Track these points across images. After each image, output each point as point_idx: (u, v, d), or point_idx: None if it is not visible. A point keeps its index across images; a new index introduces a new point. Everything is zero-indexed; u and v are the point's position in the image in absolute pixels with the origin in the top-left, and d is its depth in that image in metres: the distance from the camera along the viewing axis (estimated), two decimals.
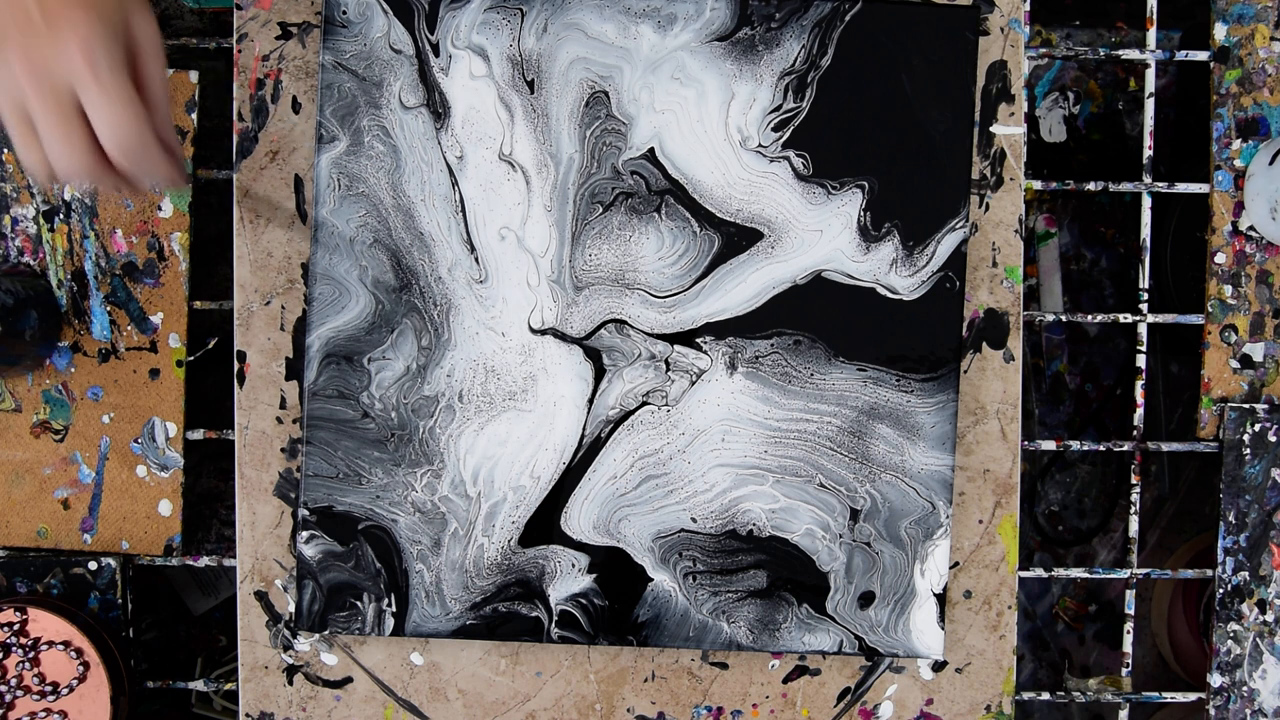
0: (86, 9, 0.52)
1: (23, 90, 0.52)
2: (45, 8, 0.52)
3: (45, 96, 0.52)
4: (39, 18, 0.52)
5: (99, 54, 0.52)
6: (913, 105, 0.68)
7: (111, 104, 0.52)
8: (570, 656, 0.71)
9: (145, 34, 0.54)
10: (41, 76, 0.52)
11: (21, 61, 0.51)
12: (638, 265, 0.68)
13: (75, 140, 0.53)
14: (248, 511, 0.70)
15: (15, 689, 0.68)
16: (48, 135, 0.53)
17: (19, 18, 0.52)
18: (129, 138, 0.53)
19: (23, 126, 0.53)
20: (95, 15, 0.52)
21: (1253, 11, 0.73)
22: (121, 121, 0.53)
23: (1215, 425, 0.74)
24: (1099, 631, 1.07)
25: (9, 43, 0.52)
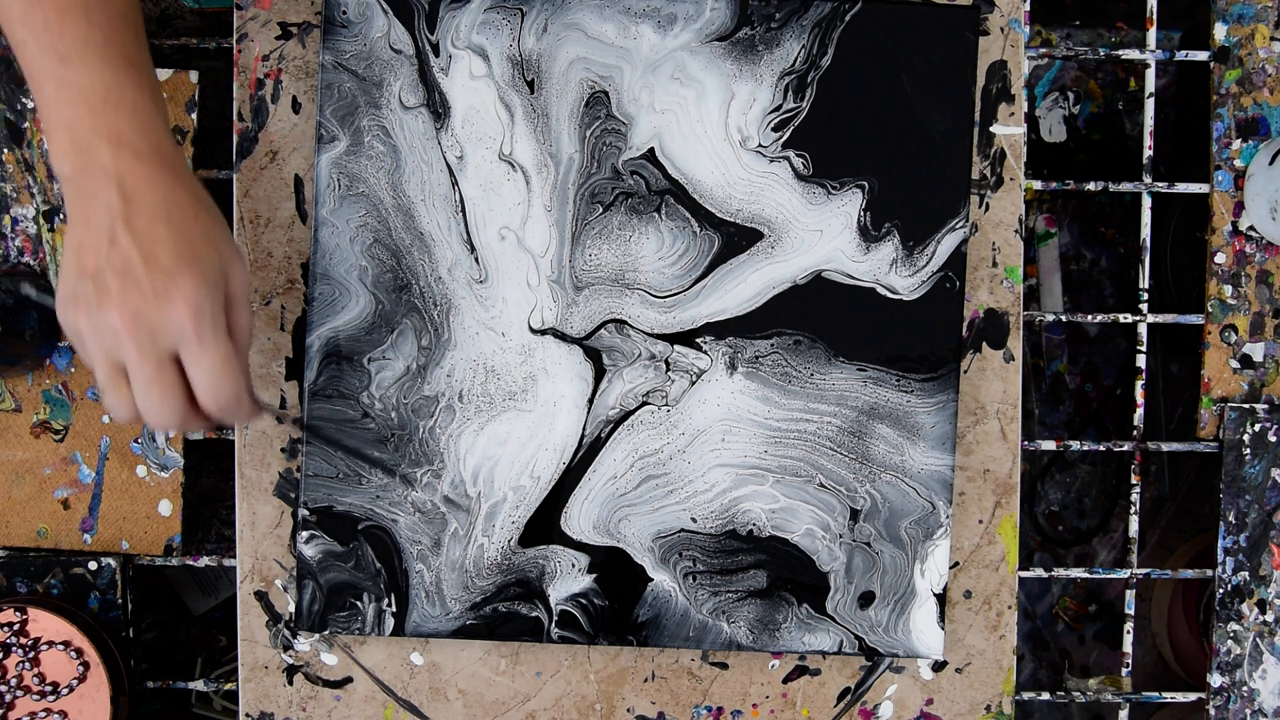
0: (194, 268, 0.52)
1: (122, 344, 0.52)
2: (152, 265, 0.52)
3: (147, 355, 0.52)
4: (144, 275, 0.51)
5: (206, 317, 0.52)
6: (913, 105, 0.68)
7: (214, 365, 0.53)
8: (570, 656, 0.71)
9: (238, 284, 0.55)
10: (146, 335, 0.52)
11: (125, 319, 0.51)
12: (638, 265, 0.68)
13: (174, 398, 0.53)
14: (248, 511, 0.70)
15: (15, 689, 0.68)
16: (145, 391, 0.53)
17: (121, 270, 0.52)
18: (228, 395, 0.54)
19: (114, 375, 0.53)
20: (202, 276, 0.52)
21: (1253, 11, 0.73)
22: (222, 382, 0.53)
23: (1215, 425, 0.74)
24: (1099, 631, 1.07)
25: (108, 295, 0.52)
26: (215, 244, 0.54)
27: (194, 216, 0.53)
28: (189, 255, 0.52)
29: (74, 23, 0.52)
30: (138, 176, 0.52)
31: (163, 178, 0.53)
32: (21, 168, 0.71)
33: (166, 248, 0.52)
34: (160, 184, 0.53)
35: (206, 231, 0.54)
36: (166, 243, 0.52)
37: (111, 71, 0.52)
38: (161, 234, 0.52)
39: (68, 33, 0.52)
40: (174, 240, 0.52)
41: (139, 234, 0.52)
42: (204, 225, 0.54)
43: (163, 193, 0.53)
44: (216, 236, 0.54)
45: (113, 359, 0.53)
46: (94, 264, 0.52)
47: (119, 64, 0.53)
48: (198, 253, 0.53)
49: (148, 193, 0.52)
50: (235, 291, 0.55)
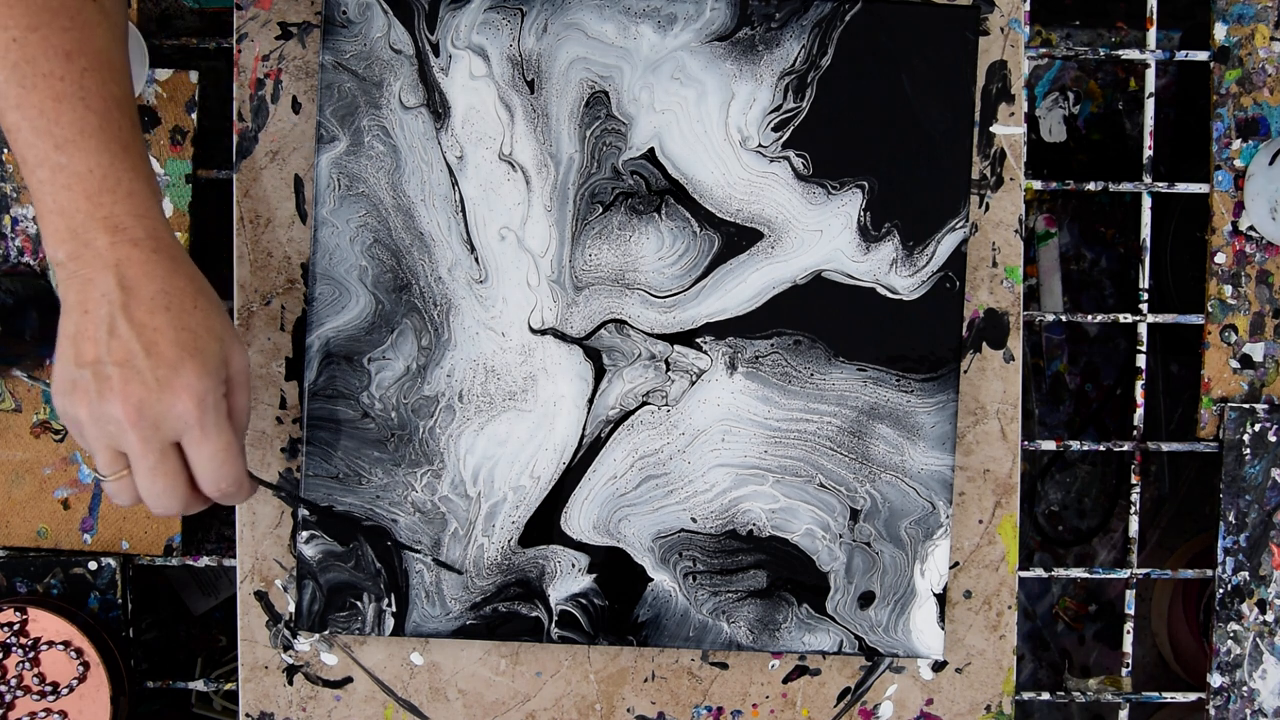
0: (196, 358, 0.52)
1: (124, 434, 0.52)
2: (154, 357, 0.52)
3: (150, 444, 0.52)
4: (146, 367, 0.52)
5: (209, 406, 0.53)
6: (913, 105, 0.68)
7: (216, 454, 0.53)
8: (570, 656, 0.71)
9: (237, 368, 0.55)
10: (149, 426, 0.52)
11: (128, 410, 0.51)
12: (638, 265, 0.68)
13: (177, 485, 0.54)
14: (248, 511, 0.70)
15: (15, 689, 0.68)
16: (149, 480, 0.53)
17: (122, 361, 0.52)
18: (230, 481, 0.54)
19: (115, 462, 0.54)
20: (204, 365, 0.53)
21: (1253, 11, 0.73)
22: (224, 468, 0.54)
23: (1215, 425, 0.74)
24: (1099, 631, 1.07)
25: (109, 386, 0.51)
26: (215, 331, 0.54)
27: (193, 304, 0.53)
28: (190, 345, 0.52)
29: (71, 108, 0.51)
30: (135, 265, 0.52)
31: (161, 266, 0.53)
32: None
33: (168, 338, 0.52)
34: (159, 272, 0.53)
35: (206, 318, 0.54)
36: (167, 333, 0.52)
37: (108, 157, 0.52)
38: (162, 324, 0.52)
39: (64, 119, 0.51)
40: (175, 330, 0.52)
41: (139, 324, 0.52)
42: (204, 312, 0.54)
43: (161, 281, 0.52)
44: (216, 323, 0.54)
45: (114, 447, 0.53)
46: (93, 354, 0.52)
47: (115, 150, 0.52)
48: (199, 342, 0.53)
49: (146, 282, 0.52)
50: (235, 375, 0.55)
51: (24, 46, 0.50)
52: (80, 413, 0.52)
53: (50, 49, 0.51)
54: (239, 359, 0.55)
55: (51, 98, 0.51)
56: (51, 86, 0.51)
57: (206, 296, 0.54)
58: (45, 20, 0.51)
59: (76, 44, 0.51)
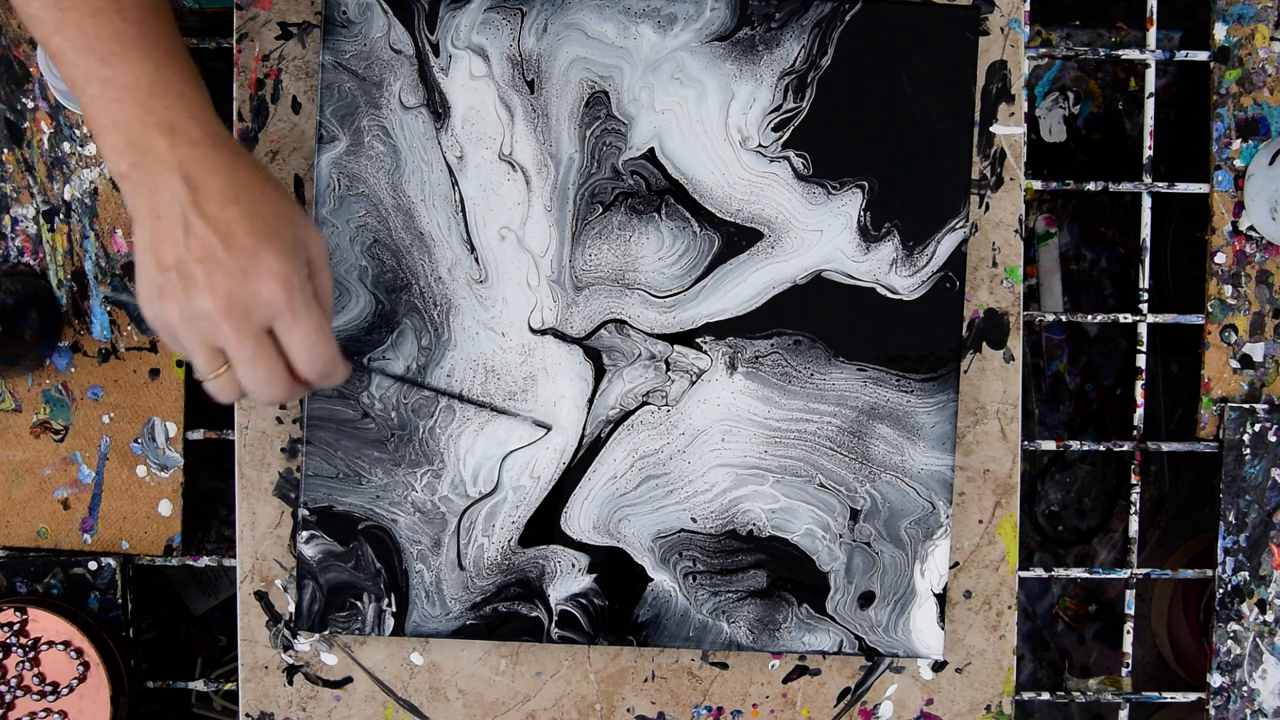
0: (275, 243, 0.53)
1: (218, 328, 0.52)
2: (233, 247, 0.52)
3: (245, 334, 0.53)
4: (228, 258, 0.52)
5: (295, 288, 0.53)
6: (913, 105, 0.68)
7: (308, 334, 0.54)
8: (570, 656, 0.71)
9: (316, 250, 0.55)
10: (241, 315, 0.52)
11: (218, 303, 0.52)
12: (638, 265, 0.68)
13: (276, 371, 0.54)
14: (248, 511, 0.70)
15: (15, 689, 0.68)
16: (250, 370, 0.53)
17: (203, 257, 0.52)
18: (324, 361, 0.55)
19: (213, 360, 0.54)
20: (284, 247, 0.53)
21: (1253, 11, 0.73)
22: (318, 349, 0.54)
23: (1215, 425, 0.74)
24: (1099, 631, 1.07)
25: (195, 283, 0.52)
26: (287, 215, 0.54)
27: (261, 193, 0.53)
28: (266, 231, 0.53)
29: (109, 22, 0.52)
30: (198, 163, 0.52)
31: (223, 160, 0.53)
32: (21, 168, 0.71)
33: (243, 228, 0.52)
34: (222, 167, 0.53)
35: (277, 205, 0.54)
36: (241, 223, 0.52)
37: (153, 64, 0.53)
38: (234, 215, 0.52)
39: (104, 32, 0.52)
40: (248, 220, 0.52)
41: (212, 219, 0.52)
42: (273, 199, 0.54)
43: (226, 175, 0.53)
44: (286, 208, 0.54)
45: (210, 344, 0.53)
46: (174, 256, 0.52)
47: (159, 56, 0.53)
48: (274, 228, 0.53)
49: (211, 177, 0.52)
50: (315, 257, 0.55)
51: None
52: (172, 315, 0.53)
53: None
54: (316, 241, 0.56)
55: (89, 14, 0.52)
56: (87, 4, 0.52)
57: (273, 184, 0.55)
58: None
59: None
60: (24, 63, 0.71)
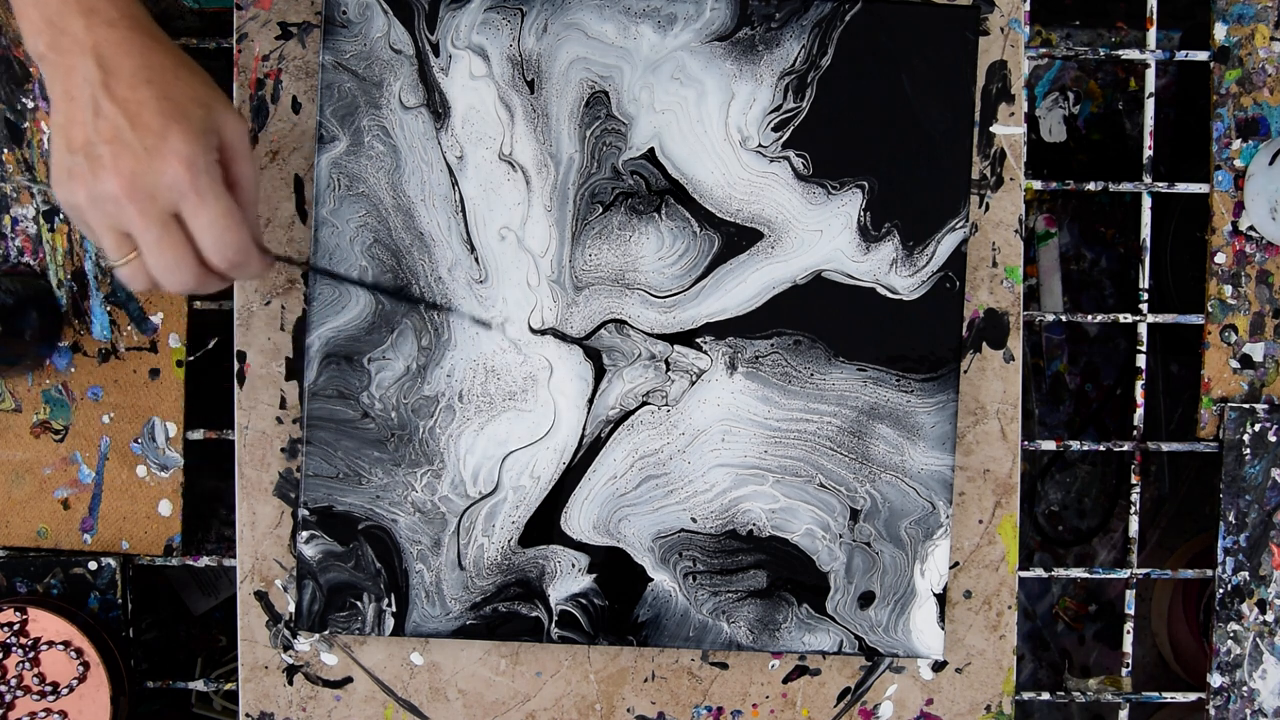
0: (183, 124, 0.52)
1: (123, 210, 0.52)
2: (140, 128, 0.51)
3: (150, 216, 0.52)
4: (134, 138, 0.51)
5: (200, 170, 0.52)
6: (913, 105, 0.68)
7: (214, 219, 0.53)
8: (570, 656, 0.71)
9: (234, 133, 0.54)
10: (145, 197, 0.52)
11: (122, 184, 0.51)
12: (638, 265, 0.68)
13: (183, 257, 0.53)
14: (248, 511, 0.70)
15: (15, 689, 0.68)
16: (156, 253, 0.53)
17: (110, 138, 0.51)
18: (234, 249, 0.53)
19: (122, 244, 0.53)
20: (191, 129, 0.52)
21: (1253, 11, 0.73)
22: (227, 235, 0.53)
23: (1215, 425, 0.74)
24: (1099, 631, 1.07)
25: (101, 164, 0.51)
26: (200, 99, 0.53)
27: (174, 76, 0.53)
28: (174, 112, 0.52)
29: None
30: (113, 44, 0.52)
31: (138, 43, 0.52)
32: (21, 168, 0.71)
33: (151, 109, 0.51)
34: (137, 48, 0.52)
35: (190, 88, 0.53)
36: (150, 104, 0.51)
37: None
38: (145, 96, 0.51)
39: None
40: (158, 101, 0.52)
41: (122, 100, 0.51)
42: (186, 82, 0.53)
43: (140, 57, 0.52)
44: (202, 92, 0.53)
45: (117, 228, 0.53)
46: (82, 137, 0.52)
47: None
48: (184, 109, 0.52)
49: (125, 59, 0.52)
50: (231, 142, 0.54)
51: None
52: (79, 198, 0.52)
53: None
54: (233, 125, 0.54)
55: None
56: None
57: (189, 68, 0.54)
58: None
59: None
60: (24, 63, 0.71)
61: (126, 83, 0.52)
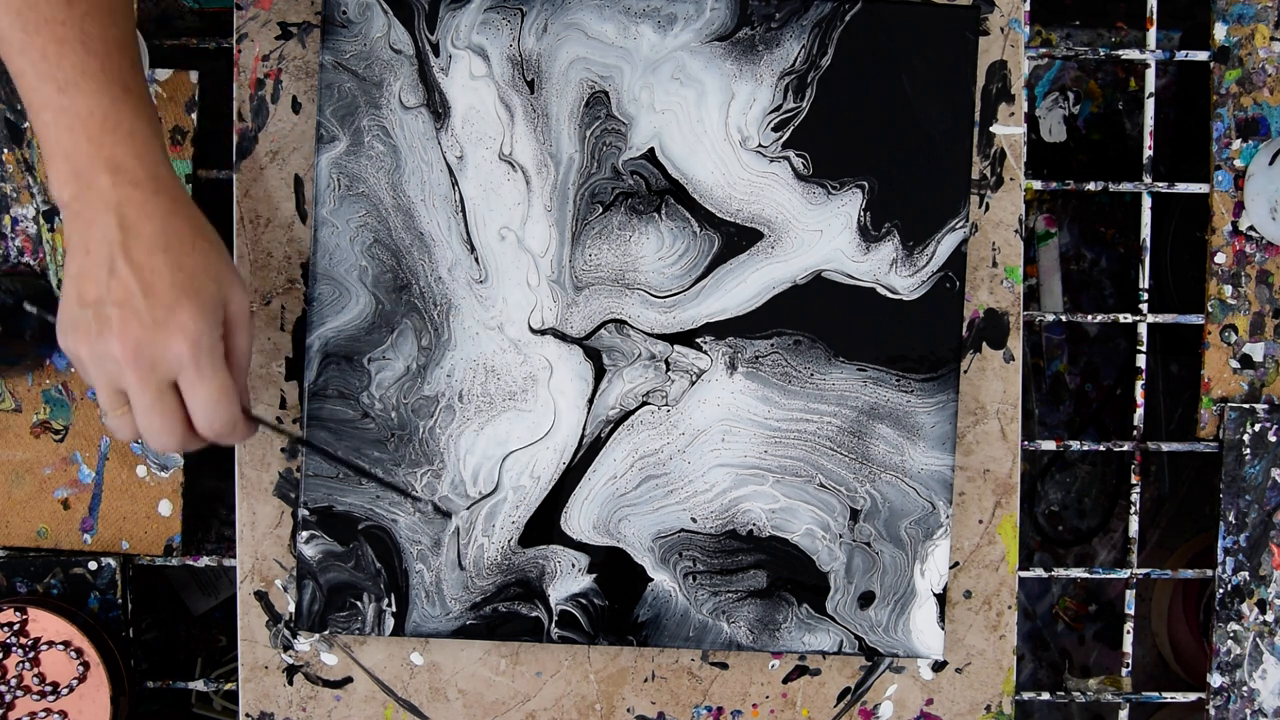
0: (193, 300, 0.53)
1: (123, 372, 0.53)
2: (151, 298, 0.52)
3: (147, 383, 0.53)
4: (144, 307, 0.52)
5: (204, 348, 0.53)
6: (913, 105, 0.68)
7: (210, 395, 0.54)
8: (570, 656, 0.71)
9: (237, 308, 0.56)
10: (146, 365, 0.53)
11: (125, 350, 0.52)
12: (638, 265, 0.68)
13: (173, 423, 0.54)
14: (248, 511, 0.70)
15: (15, 689, 0.68)
16: (146, 417, 0.54)
17: (121, 302, 0.52)
18: (224, 421, 0.55)
19: (115, 399, 0.54)
20: (200, 306, 0.53)
21: (1253, 11, 0.73)
22: (219, 409, 0.54)
23: (1215, 425, 0.74)
24: (1099, 631, 1.07)
25: (109, 325, 0.52)
26: (214, 272, 0.54)
27: (192, 245, 0.54)
28: (187, 286, 0.53)
29: (72, 51, 0.52)
30: (135, 205, 0.53)
31: (160, 206, 0.53)
32: (21, 168, 0.71)
33: (165, 279, 0.52)
34: (158, 213, 0.53)
35: (205, 259, 0.54)
36: (165, 274, 0.53)
37: (109, 99, 0.53)
38: (160, 264, 0.53)
39: (65, 61, 0.52)
40: (172, 271, 0.53)
41: (138, 265, 0.52)
42: (202, 254, 0.54)
43: (160, 222, 0.53)
44: (215, 264, 0.54)
45: (114, 384, 0.54)
46: (94, 294, 0.53)
47: (116, 91, 0.53)
48: (196, 283, 0.53)
49: (145, 223, 0.53)
50: (234, 315, 0.55)
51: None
52: (82, 351, 0.53)
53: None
54: (238, 300, 0.55)
55: (53, 41, 0.52)
56: (53, 31, 0.52)
57: (206, 238, 0.55)
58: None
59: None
60: None
61: (144, 247, 0.52)
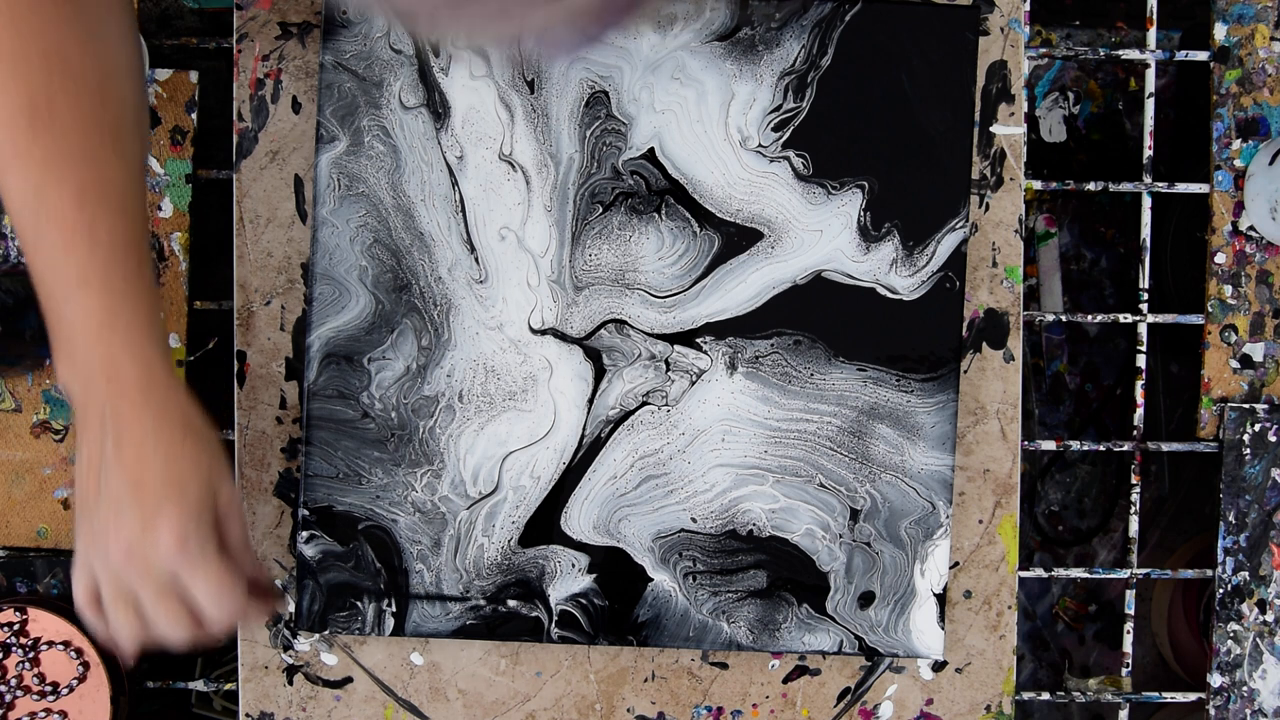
0: (179, 499, 0.54)
1: (127, 575, 0.54)
2: (140, 499, 0.54)
3: (146, 583, 0.54)
4: (133, 509, 0.54)
5: (192, 543, 0.54)
6: (913, 105, 0.68)
7: (209, 587, 0.55)
8: (570, 656, 0.71)
9: (226, 500, 0.57)
10: (141, 566, 0.54)
11: (120, 551, 0.54)
12: (638, 265, 0.68)
13: (178, 619, 0.55)
14: (248, 511, 0.70)
15: (15, 689, 0.68)
16: (154, 617, 0.55)
17: (114, 503, 0.54)
18: (228, 610, 0.56)
19: (124, 604, 0.55)
20: (185, 505, 0.54)
21: (1253, 11, 0.73)
22: (219, 599, 0.55)
23: (1215, 425, 0.74)
24: (1099, 631, 1.07)
25: (106, 529, 0.54)
26: (201, 469, 0.55)
27: (181, 445, 0.55)
28: (174, 487, 0.54)
29: (77, 254, 0.53)
30: (127, 407, 0.54)
31: (150, 408, 0.55)
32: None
33: (154, 480, 0.54)
34: (148, 415, 0.54)
35: (194, 459, 0.55)
36: (154, 475, 0.54)
37: (109, 300, 0.54)
38: (149, 466, 0.54)
39: (71, 262, 0.53)
40: (161, 472, 0.54)
41: (128, 467, 0.54)
42: (191, 453, 0.55)
43: (151, 423, 0.54)
44: (203, 460, 0.56)
45: (122, 588, 0.55)
46: (93, 493, 0.55)
47: (116, 292, 0.54)
48: (183, 483, 0.55)
49: (135, 424, 0.54)
50: (225, 507, 0.57)
51: (40, 191, 0.52)
52: (91, 554, 0.55)
53: (64, 195, 0.52)
54: (226, 493, 0.57)
55: (61, 242, 0.53)
56: (62, 232, 0.53)
57: (195, 435, 0.56)
58: (62, 165, 0.52)
59: (90, 188, 0.53)
60: None
61: (135, 449, 0.54)
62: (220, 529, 0.56)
